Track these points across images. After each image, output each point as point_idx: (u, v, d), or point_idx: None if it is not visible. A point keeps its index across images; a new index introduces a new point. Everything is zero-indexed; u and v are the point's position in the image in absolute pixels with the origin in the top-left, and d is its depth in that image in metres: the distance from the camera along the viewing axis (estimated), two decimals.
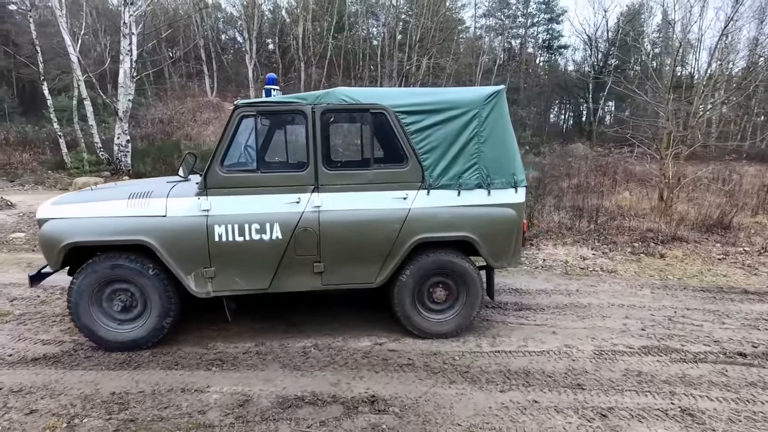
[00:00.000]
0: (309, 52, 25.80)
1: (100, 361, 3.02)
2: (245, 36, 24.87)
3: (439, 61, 25.51)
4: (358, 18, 29.03)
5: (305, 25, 25.53)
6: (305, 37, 25.71)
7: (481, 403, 2.62)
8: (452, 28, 27.79)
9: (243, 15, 25.39)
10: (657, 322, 3.78)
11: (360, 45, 27.72)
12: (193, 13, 23.35)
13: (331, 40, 25.74)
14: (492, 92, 3.22)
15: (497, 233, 3.25)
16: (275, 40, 28.34)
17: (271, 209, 3.06)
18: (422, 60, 25.76)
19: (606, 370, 3.00)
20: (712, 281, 4.94)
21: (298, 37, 25.01)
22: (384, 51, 27.10)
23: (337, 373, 2.91)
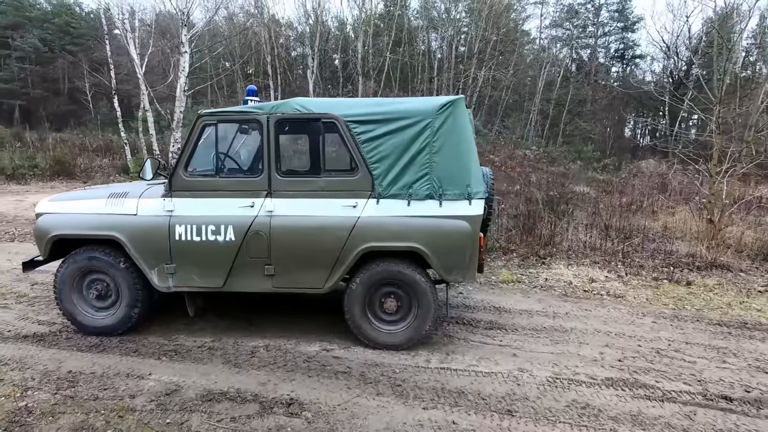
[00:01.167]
0: (368, 65, 26.54)
1: (76, 343, 3.36)
2: (308, 52, 26.14)
3: (495, 74, 24.99)
4: (418, 32, 29.43)
5: (365, 40, 26.33)
6: (365, 51, 26.51)
7: (397, 418, 2.56)
8: (511, 40, 27.15)
9: (307, 33, 26.76)
10: (641, 354, 3.43)
11: (418, 59, 28.00)
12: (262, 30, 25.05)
13: (388, 54, 26.28)
14: (446, 102, 3.17)
15: (448, 246, 3.17)
16: (338, 55, 29.55)
17: (226, 212, 3.24)
18: (479, 72, 25.45)
19: (550, 398, 2.79)
20: (737, 315, 4.37)
21: (357, 51, 25.84)
22: (442, 64, 27.16)
23: (271, 373, 2.99)
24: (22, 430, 2.39)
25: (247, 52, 29.53)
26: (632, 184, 13.89)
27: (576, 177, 14.89)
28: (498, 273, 5.41)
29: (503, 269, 5.59)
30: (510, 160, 18.11)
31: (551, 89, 27.50)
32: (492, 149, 19.07)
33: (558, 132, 26.43)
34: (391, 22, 27.69)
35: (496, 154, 18.44)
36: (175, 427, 2.44)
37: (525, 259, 6.11)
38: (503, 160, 17.52)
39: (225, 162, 3.38)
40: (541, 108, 27.08)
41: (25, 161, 12.23)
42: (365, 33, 26.54)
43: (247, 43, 29.73)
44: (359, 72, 25.97)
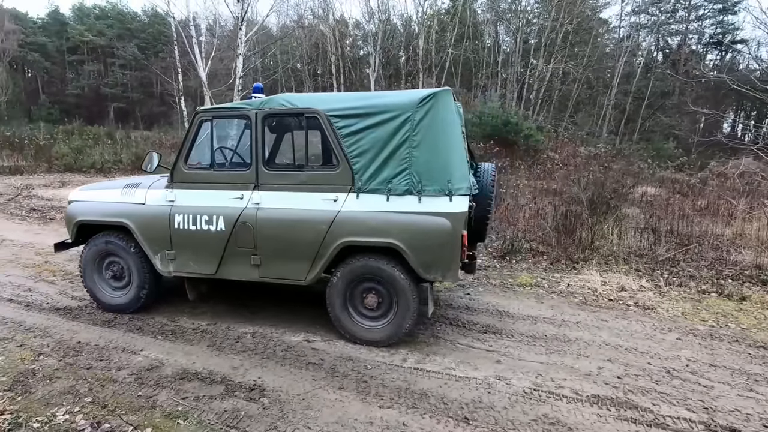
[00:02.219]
0: (431, 60, 26.32)
1: (93, 318, 3.75)
2: (369, 50, 26.50)
3: (565, 66, 23.53)
4: (484, 26, 28.60)
5: (428, 36, 26.12)
6: (428, 47, 26.30)
7: (350, 414, 2.55)
8: (585, 29, 25.36)
9: (371, 31, 27.10)
10: (646, 373, 3.08)
11: (482, 53, 27.22)
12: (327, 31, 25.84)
13: (450, 50, 25.85)
14: (427, 95, 3.07)
15: (426, 243, 3.07)
16: (402, 52, 29.60)
17: (218, 203, 3.42)
18: (547, 66, 24.14)
19: (518, 410, 2.61)
20: None
21: (418, 48, 25.72)
22: (507, 57, 26.14)
23: (247, 359, 3.12)
24: (23, 388, 2.73)
25: (315, 52, 30.63)
26: (713, 185, 12.44)
27: (644, 176, 13.63)
28: (517, 276, 5.13)
29: (524, 272, 5.28)
30: (573, 158, 17.02)
31: (629, 81, 25.35)
32: (554, 146, 18.02)
33: (635, 128, 24.33)
34: (455, 17, 27.20)
35: (558, 152, 17.42)
36: (143, 399, 2.63)
37: (555, 262, 5.72)
38: (565, 158, 16.49)
39: (219, 156, 3.56)
40: (616, 102, 25.07)
41: (111, 156, 13.75)
42: (428, 29, 26.33)
43: (315, 44, 30.82)
44: (420, 69, 25.86)
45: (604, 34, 31.60)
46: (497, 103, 18.50)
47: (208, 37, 17.64)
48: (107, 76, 38.42)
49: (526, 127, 16.74)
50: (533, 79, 24.84)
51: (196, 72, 13.94)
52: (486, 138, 15.86)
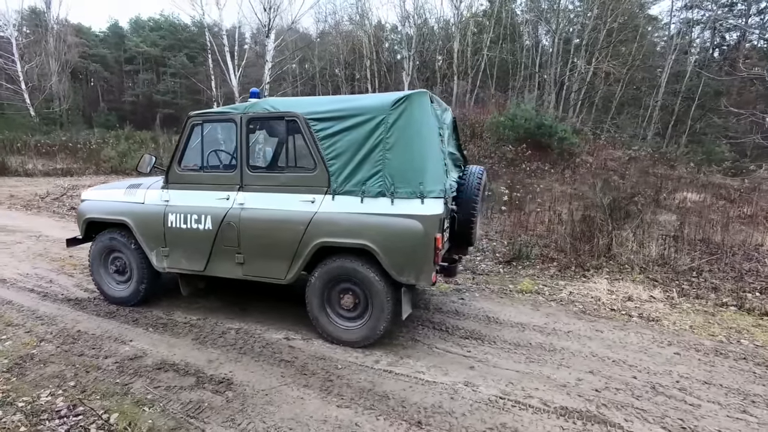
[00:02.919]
0: (466, 63, 26.05)
1: (98, 309, 4.01)
2: (404, 54, 26.58)
3: (604, 66, 22.56)
4: (523, 26, 27.99)
5: (463, 38, 25.87)
6: (463, 49, 26.06)
7: (307, 411, 2.59)
8: (629, 28, 24.20)
9: (404, 35, 27.20)
10: (629, 388, 2.92)
11: (519, 55, 26.63)
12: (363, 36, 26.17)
13: (486, 52, 25.48)
14: (400, 97, 3.07)
15: (398, 245, 3.07)
16: (439, 56, 29.47)
17: (206, 203, 3.57)
18: (588, 66, 23.26)
19: (477, 418, 2.55)
20: None
21: (452, 50, 25.53)
22: (545, 59, 25.42)
23: (224, 353, 3.23)
24: (19, 371, 2.97)
25: (351, 57, 31.12)
26: (763, 191, 11.54)
27: (688, 181, 12.84)
28: (519, 282, 4.99)
29: (527, 279, 5.13)
30: (612, 161, 16.30)
31: (678, 81, 23.94)
32: (591, 150, 17.32)
33: (685, 130, 22.93)
34: (491, 18, 26.78)
35: (595, 155, 16.73)
36: (119, 386, 2.80)
37: (564, 269, 5.52)
38: (602, 162, 15.82)
39: (208, 158, 3.72)
40: (664, 103, 23.75)
41: None
42: (463, 32, 26.09)
43: (352, 49, 31.30)
44: (455, 71, 25.64)
45: (653, 32, 30.06)
46: (530, 105, 18.03)
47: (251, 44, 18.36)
48: (159, 84, 40.82)
49: (561, 129, 16.21)
50: (573, 80, 24.01)
51: (212, 81, 14.57)
52: (519, 141, 15.52)
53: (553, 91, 24.16)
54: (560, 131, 15.85)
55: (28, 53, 23.75)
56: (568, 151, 15.89)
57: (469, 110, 21.63)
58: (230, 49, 12.33)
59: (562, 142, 15.59)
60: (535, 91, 24.84)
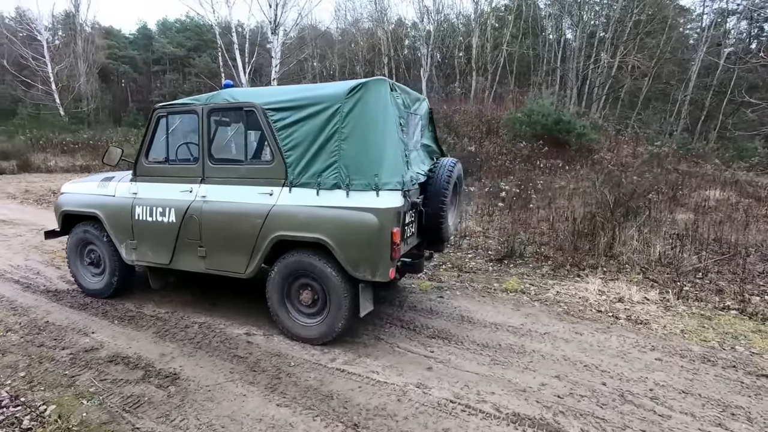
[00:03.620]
0: (485, 59, 25.58)
1: (72, 301, 4.05)
2: (422, 51, 26.29)
3: (631, 60, 21.71)
4: (546, 20, 27.27)
5: (483, 33, 25.41)
6: (483, 45, 25.60)
7: (245, 409, 2.51)
8: (658, 19, 23.19)
9: (423, 32, 26.92)
10: (595, 395, 2.71)
11: (541, 49, 25.97)
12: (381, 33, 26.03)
13: (505, 47, 24.95)
14: (355, 85, 2.94)
15: (353, 239, 2.95)
16: (459, 52, 29.05)
17: (171, 196, 3.54)
18: (613, 60, 22.46)
19: (419, 422, 2.41)
20: None
21: (471, 47, 25.11)
22: (566, 53, 24.68)
23: (180, 348, 3.19)
24: None
25: (371, 54, 31.07)
26: None
27: (713, 178, 12.19)
28: (505, 280, 4.78)
29: (514, 277, 4.91)
30: (633, 159, 15.67)
31: (709, 74, 22.80)
32: (612, 146, 16.69)
33: (715, 125, 21.84)
34: (511, 13, 26.20)
35: (616, 152, 16.11)
36: (66, 378, 2.79)
37: (558, 268, 5.27)
38: (623, 159, 15.22)
39: (173, 150, 3.68)
40: (694, 97, 22.67)
41: None
42: (483, 27, 25.62)
43: (371, 46, 31.26)
44: (473, 67, 25.21)
45: (686, 23, 28.79)
46: (548, 101, 17.53)
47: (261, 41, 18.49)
48: (185, 84, 41.82)
49: (580, 125, 15.72)
50: (597, 74, 23.23)
51: (222, 78, 14.71)
52: (536, 137, 15.13)
53: (575, 86, 23.46)
54: (579, 127, 15.36)
55: (59, 55, 24.69)
56: (587, 148, 15.38)
57: (485, 106, 21.22)
58: (240, 46, 12.47)
59: (580, 139, 15.11)
60: (556, 87, 24.20)
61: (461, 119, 19.42)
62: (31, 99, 24.21)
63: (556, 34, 26.86)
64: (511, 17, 26.15)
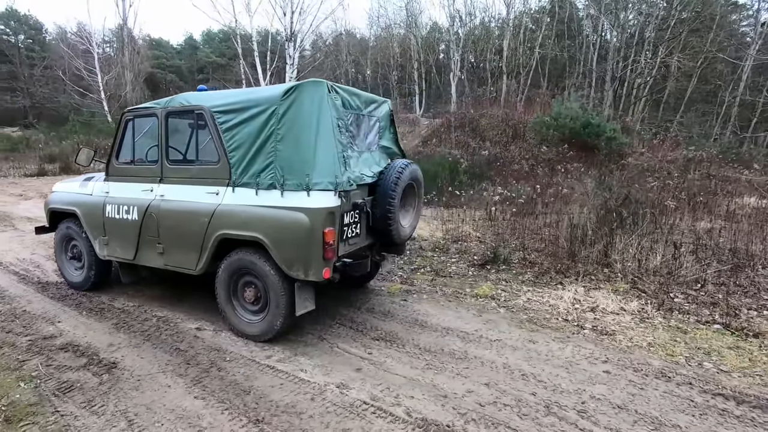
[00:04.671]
0: (517, 61, 25.07)
1: (55, 293, 4.32)
2: (452, 55, 26.11)
3: (674, 60, 20.58)
4: (586, 20, 26.38)
5: (516, 36, 24.93)
6: (516, 47, 25.11)
7: (164, 399, 2.61)
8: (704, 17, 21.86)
9: (452, 35, 26.75)
10: (519, 405, 2.60)
11: (576, 51, 25.14)
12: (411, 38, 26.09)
13: (538, 49, 24.35)
14: (289, 87, 3.00)
15: (285, 238, 2.99)
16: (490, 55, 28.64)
17: (135, 195, 3.73)
18: (652, 60, 21.37)
19: (321, 422, 2.41)
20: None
21: (503, 49, 24.69)
22: (606, 54, 23.73)
23: (130, 339, 3.35)
24: None
25: (403, 58, 31.24)
26: None
27: (749, 185, 11.33)
28: (478, 286, 4.66)
29: (489, 282, 4.78)
30: (668, 164, 14.83)
31: (761, 73, 21.23)
32: (646, 150, 15.87)
33: None
34: (546, 15, 25.57)
35: (649, 156, 15.31)
36: (17, 362, 3.00)
37: (541, 275, 5.08)
38: (657, 163, 14.43)
39: (137, 151, 3.87)
40: (744, 99, 21.16)
41: None
42: (514, 30, 25.14)
43: (403, 51, 31.44)
44: (504, 70, 24.76)
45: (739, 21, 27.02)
46: (576, 104, 16.95)
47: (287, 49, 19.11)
48: None
49: (610, 128, 15.09)
50: (635, 75, 22.19)
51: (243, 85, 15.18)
52: (563, 141, 14.68)
53: (610, 89, 22.52)
54: (609, 131, 14.76)
55: (108, 66, 26.50)
56: (617, 153, 14.73)
57: (512, 110, 20.75)
58: (261, 53, 12.94)
59: (610, 143, 14.51)
60: (591, 89, 23.31)
61: (487, 123, 19.12)
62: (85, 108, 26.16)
63: (593, 34, 25.92)
64: (546, 18, 25.53)
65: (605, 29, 26.30)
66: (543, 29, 24.55)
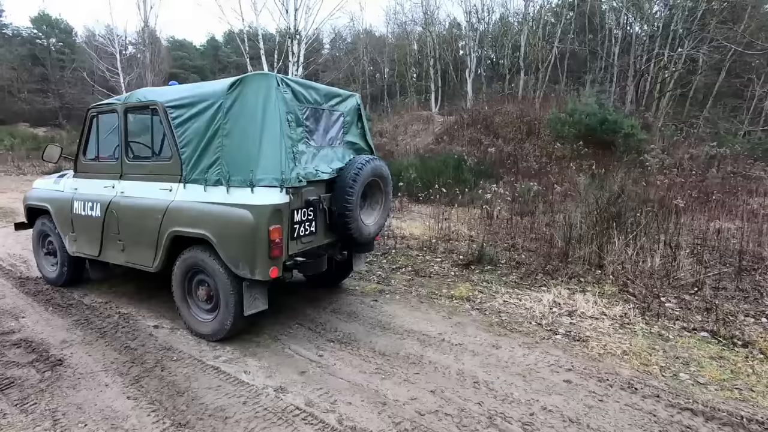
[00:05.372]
0: (537, 56, 24.48)
1: (33, 288, 4.37)
2: (468, 51, 25.69)
3: (702, 53, 19.65)
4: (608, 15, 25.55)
5: (534, 31, 24.35)
6: (535, 43, 24.52)
7: (98, 399, 2.57)
8: (734, 6, 20.80)
9: (469, 32, 26.33)
10: (461, 415, 2.44)
11: (599, 46, 24.36)
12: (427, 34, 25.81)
13: (557, 44, 23.70)
14: (234, 81, 2.92)
15: (231, 236, 2.91)
16: (505, 50, 28.06)
17: (98, 192, 3.72)
18: (677, 53, 20.50)
19: (247, 427, 2.31)
20: (760, 406, 2.60)
21: (519, 44, 24.15)
22: (628, 48, 22.90)
23: (84, 335, 3.34)
24: None
25: (420, 56, 31.01)
26: None
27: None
28: (456, 287, 4.48)
29: (467, 283, 4.59)
30: (690, 161, 14.19)
31: None
32: (665, 147, 15.21)
33: None
34: (565, 9, 24.85)
35: (669, 153, 14.67)
36: None
37: (527, 276, 4.86)
38: (677, 162, 13.82)
39: (101, 148, 3.85)
40: None
41: None
42: (532, 25, 24.57)
43: (419, 49, 31.19)
44: (521, 66, 24.22)
45: None
46: (591, 99, 16.39)
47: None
48: None
49: (628, 124, 14.54)
50: (657, 69, 21.34)
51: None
52: (578, 138, 14.24)
53: (632, 84, 21.71)
54: (627, 127, 14.22)
55: (129, 66, 27.20)
56: (636, 149, 14.18)
57: (527, 106, 20.25)
58: (267, 51, 12.99)
59: (628, 139, 13.98)
60: (613, 84, 22.54)
61: (501, 120, 18.77)
62: None
63: (617, 28, 25.06)
64: (566, 12, 24.83)
65: (629, 22, 25.40)
66: (562, 23, 23.84)
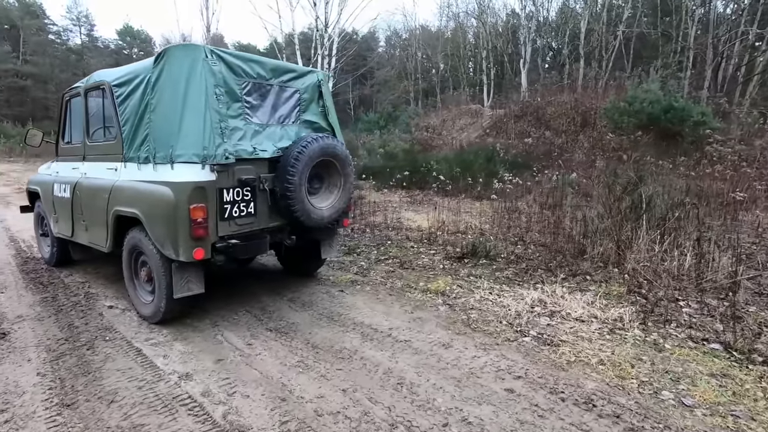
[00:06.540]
0: (598, 42, 22.76)
1: (30, 267, 4.61)
2: (522, 41, 24.42)
3: None
4: None
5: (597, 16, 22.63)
6: (600, 28, 22.80)
7: (12, 373, 2.56)
8: None
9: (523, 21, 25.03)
10: (364, 419, 2.12)
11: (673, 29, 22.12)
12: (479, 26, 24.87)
13: (621, 29, 21.81)
14: (159, 53, 2.79)
15: (155, 214, 2.80)
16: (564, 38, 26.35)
17: (68, 174, 3.82)
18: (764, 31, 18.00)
19: (126, 412, 2.16)
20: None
21: (580, 31, 22.53)
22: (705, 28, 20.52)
23: (41, 312, 3.42)
24: None
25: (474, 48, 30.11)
26: None
27: None
28: (435, 280, 4.10)
29: (448, 277, 4.18)
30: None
31: None
32: (742, 137, 13.37)
33: None
34: None
35: (745, 144, 12.87)
36: None
37: (524, 272, 4.35)
38: (756, 151, 12.10)
39: (72, 131, 3.93)
40: None
41: None
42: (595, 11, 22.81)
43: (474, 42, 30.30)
44: (581, 54, 22.58)
45: None
46: (655, 86, 14.84)
47: None
48: None
49: (698, 112, 13.04)
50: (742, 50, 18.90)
51: None
52: (640, 128, 13.03)
53: (709, 68, 19.41)
54: (696, 115, 12.74)
55: None
56: (705, 139, 12.64)
57: (585, 96, 18.82)
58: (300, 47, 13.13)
59: (697, 129, 12.52)
60: (687, 70, 20.31)
61: (554, 111, 17.67)
62: None
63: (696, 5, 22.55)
64: None
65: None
66: (630, 4, 21.87)
